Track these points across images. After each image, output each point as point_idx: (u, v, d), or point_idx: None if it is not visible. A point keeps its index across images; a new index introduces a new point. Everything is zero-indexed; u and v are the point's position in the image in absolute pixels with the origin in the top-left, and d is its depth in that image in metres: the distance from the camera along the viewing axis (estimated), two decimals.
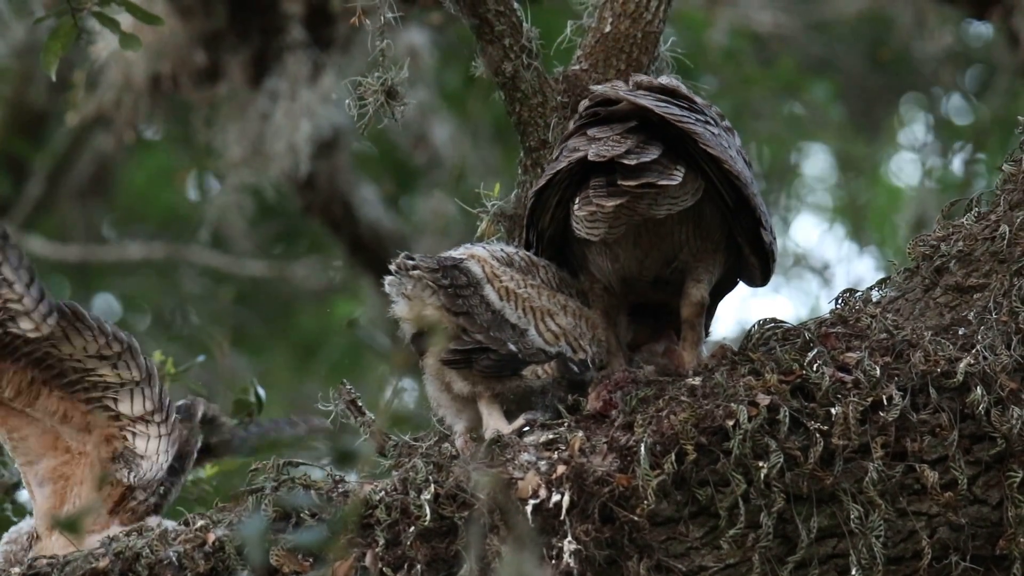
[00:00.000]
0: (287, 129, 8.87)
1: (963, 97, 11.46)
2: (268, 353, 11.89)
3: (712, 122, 4.45)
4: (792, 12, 11.09)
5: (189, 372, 5.81)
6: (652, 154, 4.27)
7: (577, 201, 4.29)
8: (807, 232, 13.86)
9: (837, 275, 12.12)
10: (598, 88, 4.52)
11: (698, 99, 4.55)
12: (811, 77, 11.08)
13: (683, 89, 4.56)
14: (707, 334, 4.63)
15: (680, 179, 4.26)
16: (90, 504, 4.69)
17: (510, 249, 4.55)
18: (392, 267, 4.41)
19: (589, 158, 4.28)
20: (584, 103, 4.54)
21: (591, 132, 4.38)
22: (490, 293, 4.42)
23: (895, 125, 12.05)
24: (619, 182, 4.23)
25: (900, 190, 12.08)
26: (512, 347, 4.40)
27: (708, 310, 4.56)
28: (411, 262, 4.40)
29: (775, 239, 4.49)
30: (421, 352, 4.45)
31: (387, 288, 4.44)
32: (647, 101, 4.36)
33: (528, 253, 4.56)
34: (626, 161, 4.24)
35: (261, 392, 5.55)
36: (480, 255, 4.48)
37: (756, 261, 4.50)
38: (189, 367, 5.69)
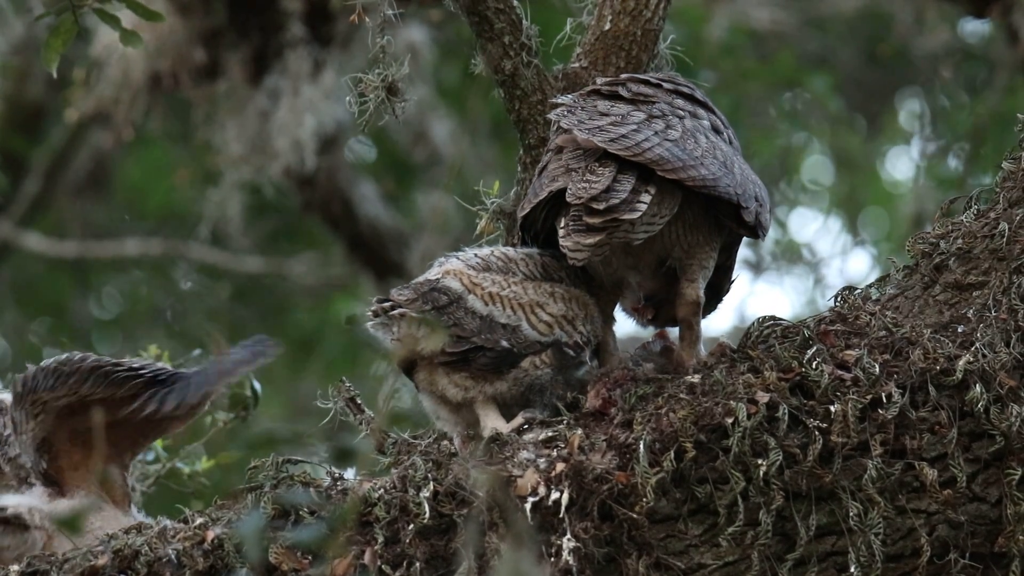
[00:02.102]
0: (291, 125, 8.87)
1: (961, 93, 11.46)
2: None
3: (675, 115, 4.48)
4: (789, 9, 11.09)
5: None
6: (624, 190, 4.31)
7: (561, 229, 4.33)
8: (803, 226, 13.87)
9: (831, 269, 12.15)
10: (555, 116, 4.53)
11: (665, 81, 4.58)
12: (809, 70, 11.09)
13: (639, 77, 4.60)
14: (727, 291, 4.66)
15: (644, 207, 4.30)
16: (90, 502, 4.69)
17: (484, 252, 4.55)
18: (369, 313, 4.44)
19: (567, 198, 4.33)
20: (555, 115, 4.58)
21: (566, 158, 4.42)
22: (474, 302, 4.43)
23: (894, 120, 12.06)
24: (585, 218, 4.28)
25: (897, 184, 12.10)
26: (505, 343, 4.41)
27: (728, 258, 4.60)
28: (388, 303, 4.42)
29: (763, 202, 4.50)
30: (411, 370, 4.46)
31: (372, 333, 4.45)
32: (601, 138, 4.38)
33: (504, 250, 4.57)
34: (595, 206, 4.29)
35: (257, 386, 5.54)
36: (455, 268, 4.49)
37: (746, 232, 4.52)
38: (184, 362, 5.68)
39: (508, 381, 4.42)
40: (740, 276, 4.72)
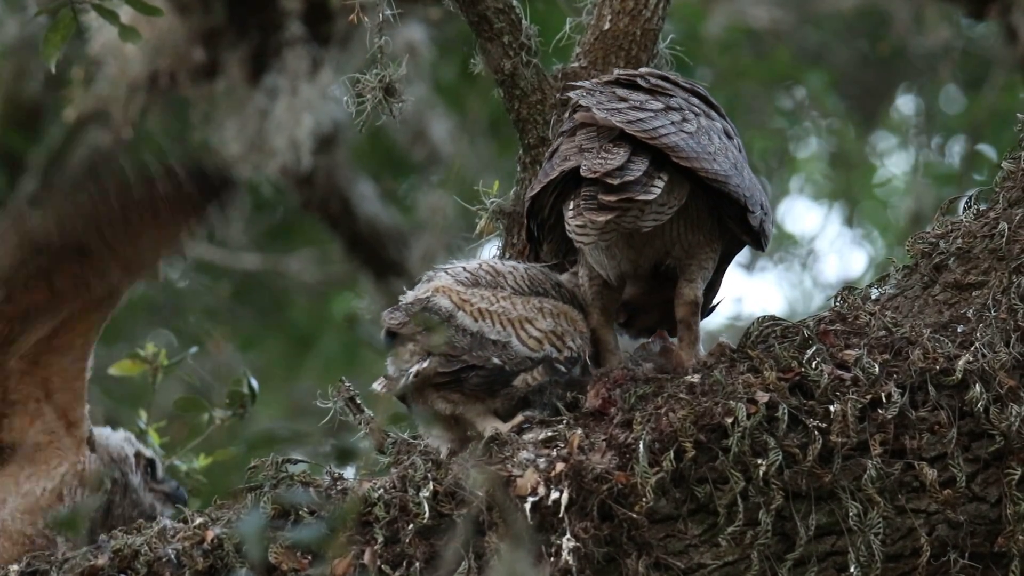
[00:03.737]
0: (288, 124, 8.86)
1: (959, 91, 11.47)
2: (262, 347, 11.88)
3: (691, 111, 4.48)
4: (787, 7, 11.09)
5: (184, 367, 5.81)
6: (638, 169, 4.30)
7: (570, 209, 4.31)
8: (801, 217, 13.89)
9: (828, 262, 12.16)
10: (575, 96, 4.53)
11: (683, 81, 4.58)
12: (806, 68, 11.10)
13: (657, 72, 4.61)
14: (711, 311, 4.66)
15: (659, 191, 4.29)
16: (89, 503, 4.69)
17: (472, 266, 4.55)
18: (380, 389, 4.43)
19: (581, 172, 4.31)
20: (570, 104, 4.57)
21: (580, 139, 4.41)
22: (464, 319, 4.43)
23: (891, 116, 12.07)
24: (599, 196, 4.27)
25: (894, 179, 12.11)
26: (497, 360, 4.41)
27: (716, 274, 4.60)
28: (390, 378, 4.41)
29: (768, 212, 4.51)
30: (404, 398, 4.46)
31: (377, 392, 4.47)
32: (619, 119, 4.38)
33: (492, 263, 4.58)
34: (610, 180, 4.28)
35: (254, 383, 5.54)
36: (444, 285, 4.49)
37: (749, 239, 4.52)
38: (181, 359, 5.69)
39: (500, 398, 4.43)
40: (725, 298, 4.73)
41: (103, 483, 4.75)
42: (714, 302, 4.68)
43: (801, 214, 13.68)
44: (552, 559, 4.19)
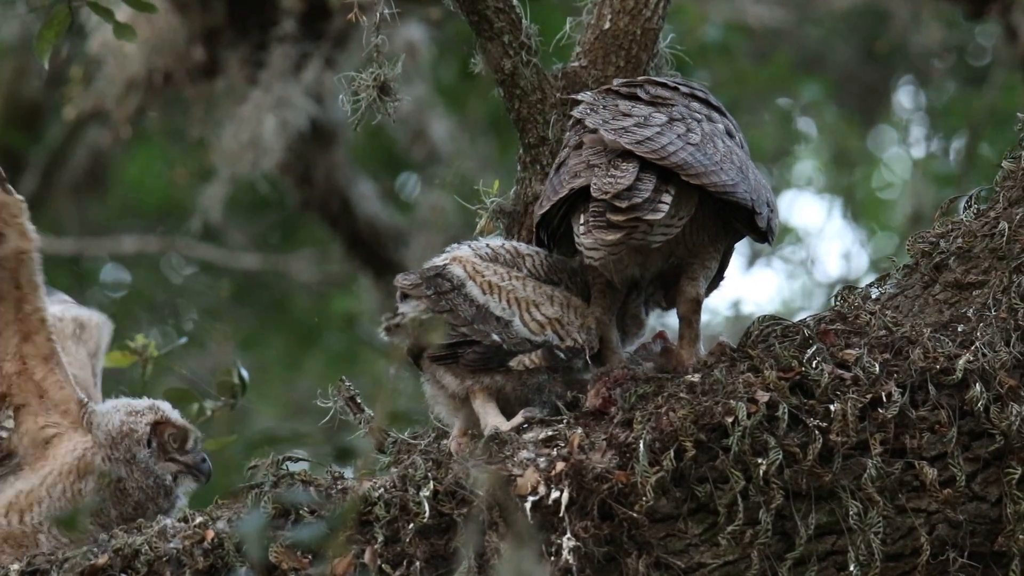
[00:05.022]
0: (254, 122, 8.86)
1: (958, 89, 11.47)
2: (264, 346, 11.89)
3: (693, 118, 4.49)
4: (787, 6, 11.09)
5: (183, 367, 5.80)
6: (646, 189, 4.32)
7: (580, 226, 4.33)
8: (801, 213, 13.89)
9: (828, 261, 12.16)
10: (578, 114, 4.53)
11: (681, 85, 4.58)
12: (803, 76, 11.12)
13: (656, 80, 4.61)
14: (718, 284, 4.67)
15: (667, 208, 4.31)
16: (90, 503, 4.69)
17: (496, 244, 4.57)
18: (382, 330, 4.45)
19: (591, 192, 4.33)
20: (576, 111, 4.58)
21: (587, 155, 4.42)
22: (473, 290, 4.46)
23: (891, 115, 12.07)
24: (608, 215, 4.28)
25: (895, 180, 12.12)
26: (496, 337, 4.42)
27: (723, 255, 4.61)
28: (396, 319, 4.44)
29: (773, 207, 4.51)
30: (417, 357, 4.47)
31: (387, 339, 4.47)
32: (627, 139, 4.39)
33: (515, 244, 4.60)
34: (618, 203, 4.29)
35: (244, 373, 5.53)
36: (463, 256, 4.52)
37: (756, 237, 4.53)
38: (171, 349, 5.69)
39: (511, 380, 4.43)
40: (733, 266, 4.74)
41: (108, 476, 4.76)
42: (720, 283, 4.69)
43: (801, 209, 13.70)
44: (552, 558, 4.19)
